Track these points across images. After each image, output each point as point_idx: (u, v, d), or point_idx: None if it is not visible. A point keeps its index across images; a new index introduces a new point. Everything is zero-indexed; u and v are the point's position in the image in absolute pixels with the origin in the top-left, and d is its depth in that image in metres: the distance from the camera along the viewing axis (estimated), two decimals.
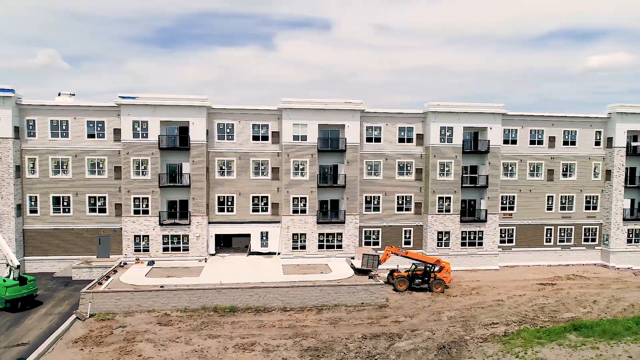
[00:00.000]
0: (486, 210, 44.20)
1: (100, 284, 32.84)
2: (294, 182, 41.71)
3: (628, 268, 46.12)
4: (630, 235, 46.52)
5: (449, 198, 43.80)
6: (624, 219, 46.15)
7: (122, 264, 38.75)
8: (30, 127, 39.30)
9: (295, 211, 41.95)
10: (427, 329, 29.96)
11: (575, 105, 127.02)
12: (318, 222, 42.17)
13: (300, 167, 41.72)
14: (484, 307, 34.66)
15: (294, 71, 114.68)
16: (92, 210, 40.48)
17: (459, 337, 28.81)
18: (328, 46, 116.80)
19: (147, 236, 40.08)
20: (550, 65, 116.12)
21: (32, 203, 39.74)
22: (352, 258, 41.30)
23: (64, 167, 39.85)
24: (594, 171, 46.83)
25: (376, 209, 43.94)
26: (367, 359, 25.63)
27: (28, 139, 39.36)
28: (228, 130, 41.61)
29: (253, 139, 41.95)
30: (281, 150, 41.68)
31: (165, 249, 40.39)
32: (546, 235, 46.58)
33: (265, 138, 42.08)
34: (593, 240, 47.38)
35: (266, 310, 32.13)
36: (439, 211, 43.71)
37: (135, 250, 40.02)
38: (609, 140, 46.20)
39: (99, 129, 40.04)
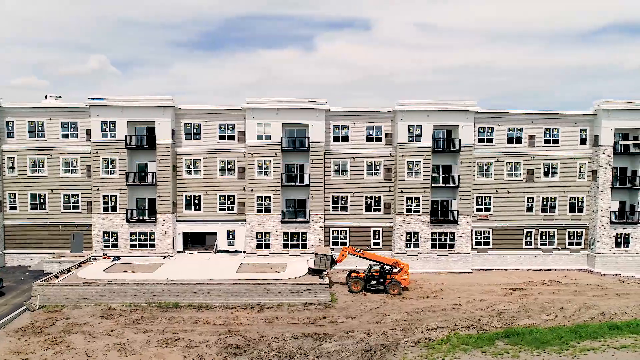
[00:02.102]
0: (457, 211, 42.76)
1: (57, 277, 34.34)
2: (258, 182, 41.98)
3: (615, 274, 43.33)
4: (619, 240, 43.65)
5: (418, 198, 42.70)
6: (611, 222, 43.36)
7: (91, 259, 40.33)
8: (10, 128, 41.63)
9: (259, 210, 42.21)
10: (363, 331, 29.41)
11: None
12: (282, 221, 42.22)
13: (264, 166, 41.95)
14: (435, 310, 33.60)
15: (333, 72, 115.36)
16: (67, 207, 42.37)
17: (393, 341, 28.09)
18: (368, 46, 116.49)
19: (116, 233, 41.51)
20: (602, 62, 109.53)
21: (12, 200, 42.08)
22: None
23: (41, 166, 41.94)
24: (579, 171, 44.30)
25: (344, 208, 43.49)
26: (284, 359, 25.49)
27: (8, 139, 41.70)
28: (195, 130, 42.42)
29: (219, 139, 42.55)
30: (246, 150, 42.05)
31: (133, 246, 41.67)
32: (526, 238, 44.50)
33: (231, 137, 42.59)
34: (579, 244, 44.82)
35: (209, 307, 32.53)
36: (407, 212, 42.70)
37: (105, 246, 41.53)
38: (595, 139, 43.58)
39: (72, 129, 41.87)
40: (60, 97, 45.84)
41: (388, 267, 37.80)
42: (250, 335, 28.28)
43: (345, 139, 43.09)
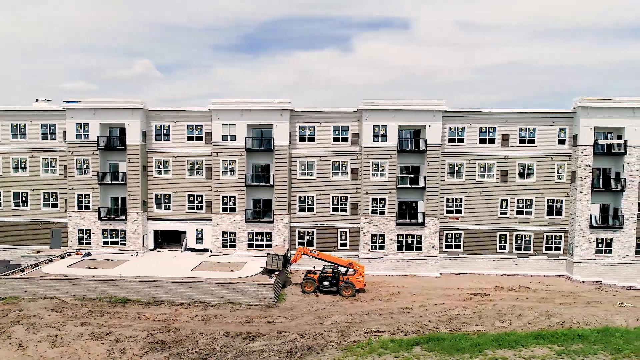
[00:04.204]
0: (424, 213, 41.75)
1: (23, 271, 36.22)
2: (224, 182, 42.60)
3: (595, 282, 40.97)
4: (600, 245, 41.25)
5: (384, 199, 42.01)
6: (592, 227, 41.03)
7: (65, 255, 42.22)
8: None
9: (224, 210, 42.81)
10: (297, 332, 29.33)
11: None
12: (247, 221, 42.63)
13: (230, 166, 42.51)
14: (382, 314, 32.99)
15: (372, 72, 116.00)
16: (46, 205, 44.55)
17: (323, 343, 27.88)
18: (407, 46, 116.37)
19: (89, 230, 43.25)
20: None
21: None
22: None
23: (23, 165, 44.31)
24: (558, 172, 42.21)
25: (310, 209, 43.40)
26: (205, 356, 25.84)
27: None
28: (165, 131, 43.56)
29: (188, 139, 43.49)
30: (212, 150, 42.76)
31: (105, 243, 43.28)
32: (500, 242, 42.85)
33: (199, 138, 43.44)
34: (557, 249, 42.70)
35: (156, 303, 33.35)
36: (372, 213, 42.10)
37: (79, 243, 43.35)
38: (575, 138, 41.41)
39: (51, 131, 43.99)
40: (50, 100, 48.20)
41: (344, 269, 37.48)
42: (182, 332, 28.82)
43: (312, 139, 43.00)
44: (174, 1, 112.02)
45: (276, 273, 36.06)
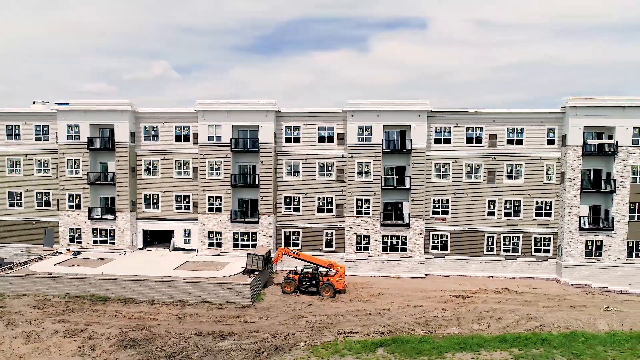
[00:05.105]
0: (409, 214, 41.45)
1: (11, 269, 37.15)
2: (210, 182, 42.99)
3: (585, 285, 40.09)
4: (590, 247, 40.35)
5: (369, 200, 41.84)
6: (582, 229, 40.17)
7: (56, 253, 43.16)
8: None
9: (211, 210, 43.21)
10: (270, 332, 29.44)
11: None
12: (233, 221, 42.93)
13: (216, 167, 42.89)
14: (358, 315, 32.88)
15: (388, 72, 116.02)
16: (40, 204, 45.62)
17: (293, 343, 27.92)
18: (424, 45, 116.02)
19: (80, 229, 44.13)
20: None
21: None
22: None
23: (17, 166, 45.46)
24: (547, 173, 41.44)
25: (296, 209, 43.50)
26: (172, 354, 26.15)
27: None
28: (153, 132, 44.17)
29: (176, 140, 44.03)
30: (198, 151, 43.20)
31: (95, 242, 44.09)
32: (487, 244, 42.27)
33: (187, 139, 43.93)
34: (546, 251, 41.92)
35: (135, 301, 33.86)
36: (357, 214, 41.97)
37: (70, 242, 44.27)
38: (564, 138, 40.61)
39: (44, 132, 45.03)
40: (47, 102, 49.37)
41: (324, 270, 37.47)
42: (155, 331, 29.19)
43: (298, 139, 43.10)
44: (190, 3, 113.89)
45: (255, 273, 36.24)
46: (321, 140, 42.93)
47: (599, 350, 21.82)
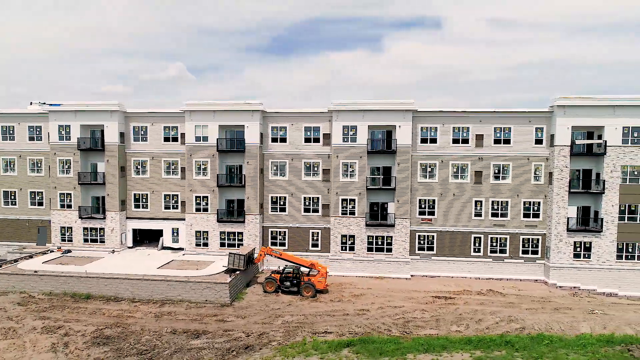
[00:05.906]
0: (394, 214, 41.25)
1: (0, 266, 37.97)
2: (197, 182, 43.36)
3: (573, 287, 39.43)
4: (578, 249, 39.67)
5: (354, 200, 41.75)
6: (569, 230, 39.52)
7: (48, 251, 43.98)
8: None
9: (198, 209, 43.57)
10: (244, 331, 29.63)
11: None
12: (219, 221, 43.24)
13: (203, 166, 43.23)
14: (336, 315, 32.87)
15: (403, 72, 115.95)
16: (33, 203, 46.52)
17: (266, 342, 28.06)
18: (439, 45, 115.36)
19: (71, 228, 44.89)
20: None
21: None
22: None
23: (11, 166, 46.45)
24: (535, 173, 40.87)
25: (283, 209, 43.62)
26: (144, 352, 26.48)
27: None
28: (142, 132, 44.72)
29: (164, 140, 44.51)
30: (186, 151, 43.60)
31: (85, 240, 44.82)
32: (474, 245, 41.84)
33: (175, 139, 44.38)
34: (535, 252, 41.33)
35: (116, 299, 34.36)
36: (342, 214, 41.92)
37: (62, 240, 45.07)
38: (552, 138, 40.00)
39: (37, 133, 45.92)
40: (44, 103, 50.25)
41: (306, 270, 37.53)
42: (131, 328, 29.58)
43: (284, 140, 43.22)
44: (205, 5, 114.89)
45: (236, 272, 36.45)
46: (307, 140, 42.98)
47: (560, 353, 21.47)
